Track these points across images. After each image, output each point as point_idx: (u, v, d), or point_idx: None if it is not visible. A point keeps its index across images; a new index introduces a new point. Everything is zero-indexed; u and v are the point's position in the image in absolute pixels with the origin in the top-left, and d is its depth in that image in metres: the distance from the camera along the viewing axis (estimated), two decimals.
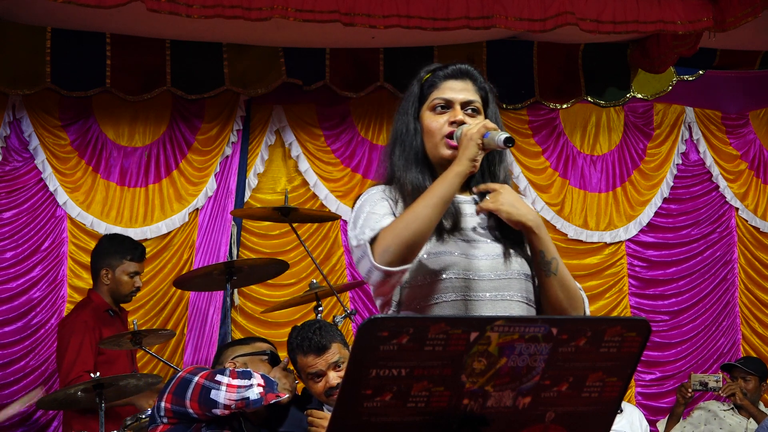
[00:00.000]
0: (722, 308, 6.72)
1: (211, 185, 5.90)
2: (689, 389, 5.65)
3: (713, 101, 6.79)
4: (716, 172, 6.76)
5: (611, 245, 6.58)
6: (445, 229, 2.32)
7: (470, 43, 5.94)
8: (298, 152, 6.08)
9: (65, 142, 5.70)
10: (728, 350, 6.67)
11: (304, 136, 6.10)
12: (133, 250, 5.05)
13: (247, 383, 3.35)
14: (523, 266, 2.35)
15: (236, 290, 5.75)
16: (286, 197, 4.94)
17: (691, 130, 6.79)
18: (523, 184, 6.34)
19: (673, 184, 6.72)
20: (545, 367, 1.76)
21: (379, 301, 2.34)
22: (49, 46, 5.49)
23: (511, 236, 2.36)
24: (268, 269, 5.11)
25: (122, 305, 5.13)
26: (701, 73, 6.68)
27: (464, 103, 2.41)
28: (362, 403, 1.71)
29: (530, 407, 1.80)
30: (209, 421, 3.39)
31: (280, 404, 3.52)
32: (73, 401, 4.37)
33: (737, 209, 6.79)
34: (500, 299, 2.29)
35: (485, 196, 2.39)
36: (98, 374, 4.17)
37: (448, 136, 2.38)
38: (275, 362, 3.70)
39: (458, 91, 2.42)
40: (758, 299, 6.78)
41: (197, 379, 3.38)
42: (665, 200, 6.70)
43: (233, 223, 5.90)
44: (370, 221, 2.29)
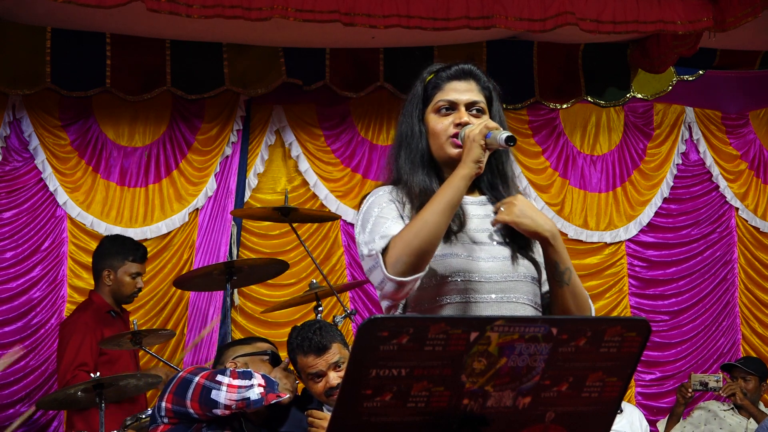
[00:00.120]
0: (722, 308, 6.71)
1: (211, 185, 5.90)
2: (689, 389, 5.65)
3: (713, 101, 6.79)
4: (716, 172, 6.76)
5: (611, 245, 6.57)
6: (452, 231, 2.30)
7: (470, 43, 5.94)
8: (298, 152, 6.08)
9: (65, 142, 5.70)
10: (728, 350, 6.67)
11: (304, 136, 6.10)
12: (134, 251, 5.05)
13: (247, 383, 3.35)
14: (529, 269, 2.34)
15: (236, 290, 5.75)
16: (286, 197, 4.94)
17: (691, 130, 6.78)
18: (523, 184, 6.33)
19: (673, 184, 6.72)
20: (545, 367, 1.76)
21: (385, 303, 2.31)
22: (49, 46, 5.49)
23: (518, 239, 2.34)
24: (268, 269, 5.10)
25: (124, 306, 5.13)
26: (701, 73, 6.68)
27: (469, 103, 2.39)
28: (362, 403, 1.71)
29: (530, 407, 1.80)
30: (210, 421, 3.39)
31: (280, 404, 3.52)
32: (73, 401, 4.37)
33: (737, 209, 6.79)
34: (506, 301, 2.28)
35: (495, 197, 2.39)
36: (98, 374, 4.17)
37: (453, 136, 2.36)
38: (276, 362, 3.70)
39: (462, 92, 2.40)
40: (758, 299, 6.78)
41: (198, 379, 3.38)
42: (665, 200, 6.70)
43: (233, 223, 5.90)
44: (379, 227, 2.27)
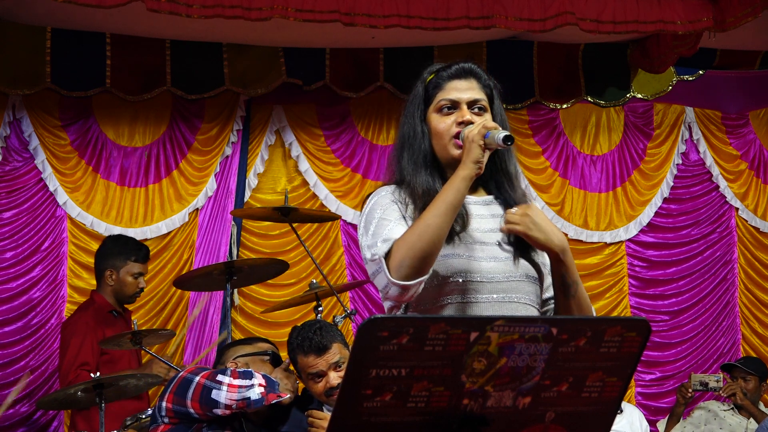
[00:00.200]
0: (722, 308, 6.71)
1: (211, 185, 5.90)
2: (689, 389, 5.65)
3: (713, 101, 6.79)
4: (716, 172, 6.75)
5: (611, 245, 6.57)
6: (455, 231, 2.29)
7: (470, 43, 5.93)
8: (298, 152, 6.08)
9: (65, 142, 5.70)
10: (728, 350, 6.67)
11: (304, 136, 6.09)
12: (137, 251, 5.05)
13: (248, 383, 3.35)
14: (531, 269, 2.34)
15: (236, 290, 5.75)
16: (286, 197, 4.93)
17: (691, 130, 6.78)
18: (523, 184, 6.31)
19: (673, 184, 6.72)
20: (545, 367, 1.76)
21: (388, 303, 2.30)
22: (49, 46, 5.49)
23: (521, 240, 2.34)
24: (268, 269, 5.10)
25: (126, 306, 5.13)
26: (701, 73, 6.68)
27: (470, 102, 2.39)
28: (362, 403, 1.71)
29: (530, 407, 1.80)
30: (210, 421, 3.39)
31: (281, 405, 3.52)
32: (73, 401, 4.37)
33: (737, 209, 6.78)
34: (508, 301, 2.28)
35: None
36: (98, 374, 4.17)
37: (456, 136, 2.36)
38: (277, 362, 3.70)
39: (463, 90, 2.40)
40: (758, 299, 6.77)
41: (198, 378, 3.38)
42: (665, 200, 6.70)
43: (233, 223, 5.90)
44: (382, 230, 2.27)
